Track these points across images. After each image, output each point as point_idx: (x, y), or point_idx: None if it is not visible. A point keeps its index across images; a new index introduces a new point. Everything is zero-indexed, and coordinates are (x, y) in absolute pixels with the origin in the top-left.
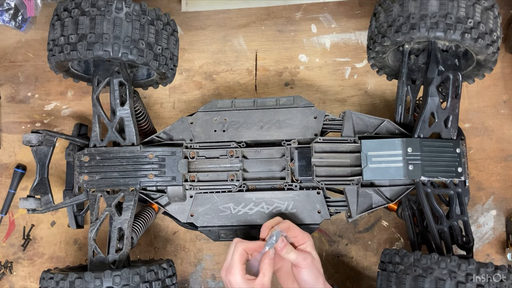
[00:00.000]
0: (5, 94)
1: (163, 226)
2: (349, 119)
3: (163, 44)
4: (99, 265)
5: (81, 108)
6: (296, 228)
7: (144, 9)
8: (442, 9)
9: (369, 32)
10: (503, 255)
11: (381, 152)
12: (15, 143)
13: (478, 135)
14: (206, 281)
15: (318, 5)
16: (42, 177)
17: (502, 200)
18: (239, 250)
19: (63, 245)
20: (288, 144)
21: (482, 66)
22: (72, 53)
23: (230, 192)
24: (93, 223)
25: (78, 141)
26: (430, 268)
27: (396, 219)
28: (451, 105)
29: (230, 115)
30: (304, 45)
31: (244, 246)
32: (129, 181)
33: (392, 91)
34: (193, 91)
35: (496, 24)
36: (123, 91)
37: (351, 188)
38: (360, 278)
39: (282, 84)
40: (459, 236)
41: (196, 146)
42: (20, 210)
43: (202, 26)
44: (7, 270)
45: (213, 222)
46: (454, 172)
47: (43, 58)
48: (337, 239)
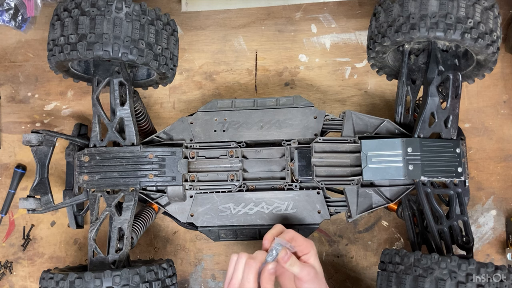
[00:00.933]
0: (5, 94)
1: (163, 226)
2: (349, 119)
3: (163, 44)
4: (99, 265)
5: (81, 108)
6: (300, 237)
7: (144, 9)
8: (442, 9)
9: (369, 32)
10: (503, 255)
11: (381, 152)
12: (15, 143)
13: (478, 135)
14: (206, 281)
15: (318, 5)
16: (42, 177)
17: (502, 200)
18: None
19: (63, 245)
20: (288, 144)
21: (482, 66)
22: (72, 53)
23: (230, 192)
24: (93, 223)
25: (78, 141)
26: (430, 268)
27: (396, 219)
28: (451, 105)
29: (230, 115)
30: (304, 45)
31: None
32: (129, 181)
33: (392, 91)
34: (193, 91)
35: (496, 24)
36: (123, 91)
37: (351, 188)
38: (360, 278)
39: (282, 84)
40: (459, 236)
41: (196, 146)
42: (20, 210)
43: (202, 26)
44: (7, 270)
45: (213, 222)
46: (454, 172)
47: (43, 58)
48: (337, 239)
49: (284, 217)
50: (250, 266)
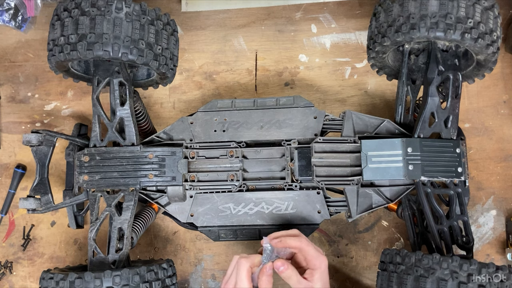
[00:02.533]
0: (5, 94)
1: (163, 226)
2: (349, 119)
3: (163, 44)
4: (99, 265)
5: (81, 108)
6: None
7: (144, 9)
8: (442, 9)
9: (369, 32)
10: (503, 255)
11: (381, 152)
12: (15, 143)
13: (478, 135)
14: (206, 281)
15: (318, 5)
16: (42, 177)
17: (502, 200)
18: (246, 267)
19: (63, 245)
20: (288, 144)
21: (482, 66)
22: (72, 53)
23: (230, 192)
24: (93, 223)
25: (78, 141)
26: (431, 269)
27: (396, 219)
28: (451, 105)
29: (230, 115)
30: (304, 45)
31: (250, 263)
32: (129, 181)
33: (392, 91)
34: (193, 91)
35: (496, 24)
36: (123, 91)
37: (351, 188)
38: (360, 278)
39: (282, 84)
40: (459, 236)
41: (196, 146)
42: (20, 210)
43: (202, 26)
44: (7, 270)
45: (213, 222)
46: (454, 172)
47: (43, 58)
48: (337, 239)
49: (284, 217)
50: (241, 264)
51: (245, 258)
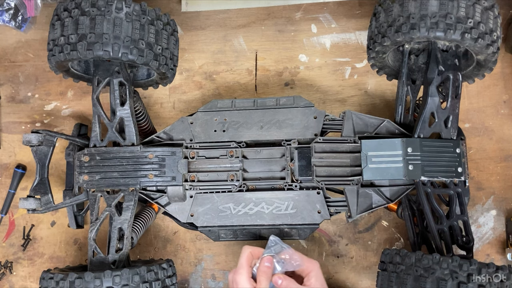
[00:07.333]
0: (5, 94)
1: (163, 226)
2: (349, 119)
3: (163, 44)
4: (99, 265)
5: (81, 108)
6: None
7: (144, 9)
8: (442, 9)
9: (369, 32)
10: (503, 255)
11: (381, 152)
12: (15, 143)
13: (478, 135)
14: (206, 281)
15: (318, 5)
16: (42, 177)
17: (502, 200)
18: (246, 252)
19: (63, 245)
20: (288, 144)
21: (482, 66)
22: (72, 53)
23: (230, 192)
24: (93, 223)
25: (78, 141)
26: (431, 269)
27: (396, 219)
28: (451, 105)
29: (230, 115)
30: (304, 45)
31: (251, 249)
32: (129, 181)
33: (392, 91)
34: (193, 91)
35: (496, 24)
36: (123, 91)
37: (351, 188)
38: (360, 278)
39: (282, 84)
40: (459, 236)
41: (196, 146)
42: (20, 210)
43: (202, 26)
44: (7, 270)
45: (213, 222)
46: (454, 172)
47: (43, 58)
48: (337, 239)
49: (284, 217)
50: (244, 249)
51: (248, 246)
